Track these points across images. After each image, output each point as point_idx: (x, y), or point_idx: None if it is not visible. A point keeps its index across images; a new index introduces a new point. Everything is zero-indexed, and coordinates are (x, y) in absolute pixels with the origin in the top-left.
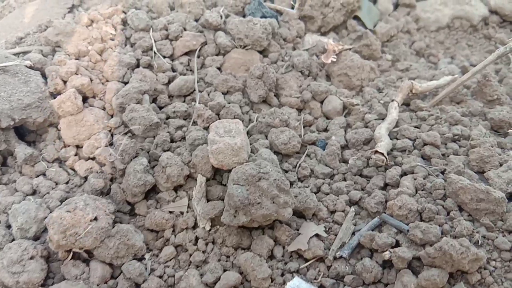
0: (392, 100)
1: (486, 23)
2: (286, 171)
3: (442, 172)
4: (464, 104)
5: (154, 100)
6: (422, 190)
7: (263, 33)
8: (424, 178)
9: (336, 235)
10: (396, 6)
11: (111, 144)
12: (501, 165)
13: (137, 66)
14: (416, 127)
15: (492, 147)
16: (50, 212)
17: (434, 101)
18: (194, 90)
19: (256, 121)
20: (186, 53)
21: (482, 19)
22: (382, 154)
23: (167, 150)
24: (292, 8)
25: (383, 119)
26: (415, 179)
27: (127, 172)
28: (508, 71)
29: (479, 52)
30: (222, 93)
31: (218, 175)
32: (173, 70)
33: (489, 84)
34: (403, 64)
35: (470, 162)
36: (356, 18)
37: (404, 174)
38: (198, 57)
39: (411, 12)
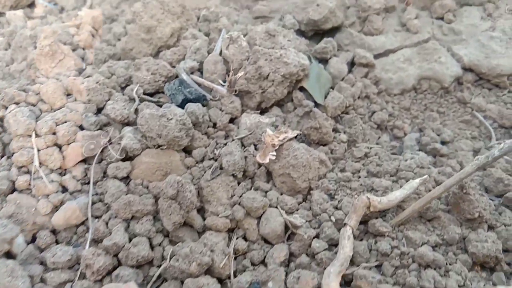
0: (345, 224)
1: (459, 82)
2: None
3: None
4: (437, 223)
5: (33, 239)
6: None
7: (181, 131)
8: None
9: None
10: (351, 65)
11: None
12: None
13: (12, 191)
14: (377, 266)
15: None
16: None
17: (398, 220)
18: (88, 218)
19: (169, 262)
20: (82, 160)
21: (455, 79)
22: None
23: None
24: (222, 85)
25: (335, 245)
26: None
27: None
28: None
29: (452, 122)
30: (126, 220)
31: None
32: (64, 188)
33: (468, 199)
34: (360, 149)
35: None
36: (303, 88)
37: None
38: (100, 161)
39: (370, 72)
